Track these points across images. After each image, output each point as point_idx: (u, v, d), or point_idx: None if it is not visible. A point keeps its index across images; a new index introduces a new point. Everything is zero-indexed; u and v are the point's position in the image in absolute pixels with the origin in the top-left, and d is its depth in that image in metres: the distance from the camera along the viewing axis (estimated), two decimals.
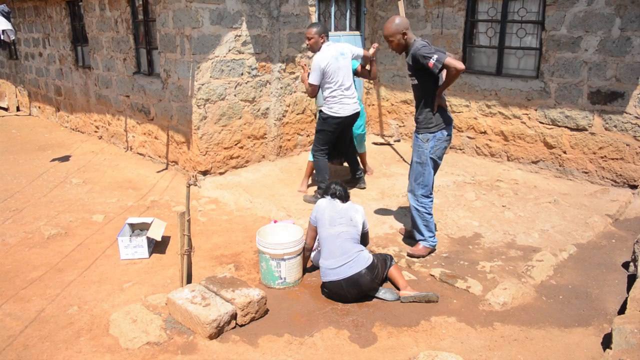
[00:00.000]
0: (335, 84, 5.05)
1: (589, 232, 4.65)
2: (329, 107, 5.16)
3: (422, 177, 4.09)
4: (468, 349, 3.11)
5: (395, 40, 3.89)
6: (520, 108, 6.28)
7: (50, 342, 3.21)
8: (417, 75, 3.91)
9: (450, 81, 3.80)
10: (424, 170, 4.07)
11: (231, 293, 3.39)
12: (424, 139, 4.02)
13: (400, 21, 3.87)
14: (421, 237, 4.21)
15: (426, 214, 4.14)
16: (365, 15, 7.53)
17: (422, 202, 4.13)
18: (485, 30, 6.56)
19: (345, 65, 5.09)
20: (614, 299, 3.62)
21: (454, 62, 3.65)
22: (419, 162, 4.08)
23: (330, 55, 4.99)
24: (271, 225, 4.27)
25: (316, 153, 5.34)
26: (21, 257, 4.39)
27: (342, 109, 5.12)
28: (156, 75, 6.67)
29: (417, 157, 4.09)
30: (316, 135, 5.36)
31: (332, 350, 3.12)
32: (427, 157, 4.03)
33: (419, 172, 4.09)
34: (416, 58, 3.77)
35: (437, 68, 3.69)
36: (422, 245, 4.20)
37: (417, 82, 3.94)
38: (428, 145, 4.01)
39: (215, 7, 5.74)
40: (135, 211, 5.40)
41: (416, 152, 4.10)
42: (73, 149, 7.93)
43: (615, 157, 5.65)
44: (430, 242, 4.20)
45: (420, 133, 4.04)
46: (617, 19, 5.35)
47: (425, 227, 4.16)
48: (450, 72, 3.71)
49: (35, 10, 9.50)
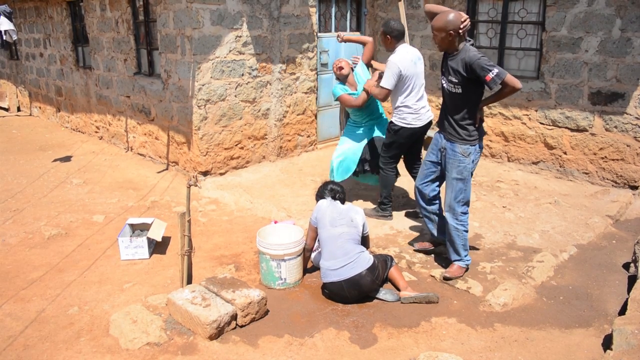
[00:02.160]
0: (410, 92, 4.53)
1: (589, 233, 4.65)
2: (400, 118, 4.60)
3: (463, 193, 3.77)
4: (468, 349, 3.11)
5: (439, 36, 3.55)
6: (521, 109, 6.28)
7: (50, 343, 3.21)
8: (463, 84, 3.55)
9: (501, 98, 3.58)
10: (466, 186, 3.76)
11: (231, 294, 3.39)
12: (464, 152, 3.68)
13: (451, 18, 3.47)
14: (457, 257, 3.90)
15: (464, 232, 3.84)
16: (365, 16, 7.53)
17: (461, 220, 3.81)
18: (486, 31, 6.56)
19: (421, 71, 4.60)
20: (614, 300, 3.62)
21: (514, 81, 3.42)
22: (460, 178, 3.73)
23: (409, 59, 4.47)
24: (271, 225, 4.27)
25: (385, 167, 4.83)
26: (21, 258, 4.39)
27: (415, 120, 4.60)
28: (157, 75, 6.68)
29: (458, 173, 3.73)
30: (386, 149, 4.80)
31: (333, 351, 3.12)
32: (468, 172, 3.73)
33: (460, 189, 3.75)
34: (472, 67, 3.44)
35: (495, 83, 3.41)
36: (458, 265, 3.90)
37: (461, 91, 3.57)
38: (469, 160, 3.70)
39: (216, 8, 5.75)
40: (136, 211, 5.40)
41: (455, 167, 3.73)
42: (74, 150, 7.94)
43: (615, 158, 5.65)
44: (465, 261, 3.91)
45: (458, 144, 3.69)
46: (618, 20, 5.35)
47: (462, 247, 3.86)
48: (506, 90, 3.48)
49: (36, 11, 9.51)
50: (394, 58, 4.43)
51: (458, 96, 3.63)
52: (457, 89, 3.60)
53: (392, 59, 4.43)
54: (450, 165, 3.77)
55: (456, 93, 3.62)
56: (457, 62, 3.54)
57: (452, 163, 3.75)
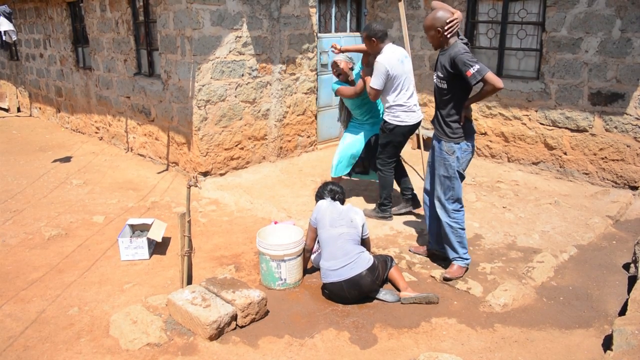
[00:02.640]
0: (401, 90, 4.60)
1: (589, 234, 4.65)
2: (394, 116, 4.65)
3: (452, 191, 3.79)
4: (468, 350, 3.11)
5: (429, 34, 3.64)
6: (521, 109, 6.28)
7: (50, 343, 3.21)
8: (448, 80, 3.62)
9: (483, 97, 3.58)
10: (453, 184, 3.78)
11: (231, 294, 3.39)
12: (448, 150, 3.73)
13: (439, 15, 3.55)
14: (455, 255, 3.90)
15: (460, 229, 3.84)
16: (365, 16, 7.53)
17: (455, 218, 3.83)
18: (486, 32, 6.56)
19: (409, 69, 4.68)
20: (614, 301, 3.62)
21: (494, 79, 3.43)
22: (447, 176, 3.78)
23: (396, 58, 4.54)
24: (271, 226, 4.27)
25: (384, 168, 4.85)
26: (22, 258, 4.39)
27: (409, 117, 4.65)
28: (157, 76, 6.68)
29: (444, 170, 3.78)
30: (382, 149, 4.82)
31: (333, 351, 3.12)
32: (454, 170, 3.75)
33: (448, 187, 3.79)
34: (455, 62, 3.50)
35: (475, 79, 3.45)
36: (457, 265, 3.90)
37: (446, 86, 3.64)
38: (454, 157, 3.73)
39: (216, 9, 5.75)
40: (136, 212, 5.40)
41: (442, 165, 3.80)
42: (74, 150, 7.94)
43: (615, 159, 5.65)
44: (464, 259, 3.90)
45: (444, 142, 3.75)
46: (618, 20, 5.35)
47: (459, 244, 3.86)
48: (487, 88, 3.49)
49: (36, 11, 9.51)
50: (380, 58, 4.50)
51: (444, 91, 3.69)
52: (443, 84, 3.67)
53: (378, 59, 4.50)
54: (438, 162, 3.84)
55: (442, 88, 3.69)
56: (445, 57, 3.61)
57: (439, 160, 3.82)
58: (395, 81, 4.54)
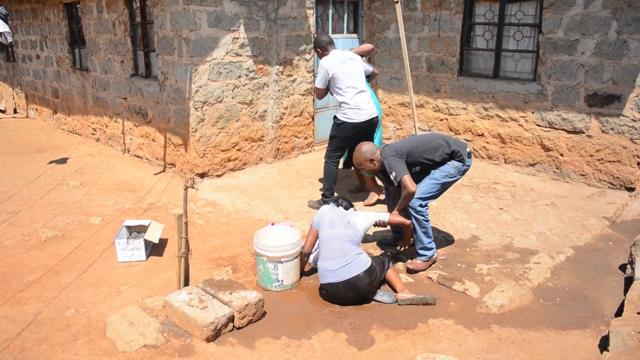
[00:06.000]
0: (344, 88, 4.91)
1: (586, 235, 4.66)
2: (342, 113, 4.97)
3: (434, 198, 4.09)
4: (465, 351, 3.12)
5: (366, 169, 4.14)
6: (518, 111, 6.30)
7: (46, 345, 3.20)
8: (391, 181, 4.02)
9: (402, 198, 3.89)
10: (438, 192, 4.08)
11: (228, 295, 3.39)
12: (454, 169, 4.07)
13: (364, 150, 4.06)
14: (420, 245, 4.04)
15: (424, 221, 3.99)
16: (362, 18, 7.54)
17: (419, 211, 3.97)
18: (483, 33, 6.58)
19: (353, 69, 4.95)
20: (611, 301, 3.63)
21: (406, 183, 3.79)
22: (438, 182, 4.06)
23: (337, 58, 4.90)
24: (268, 227, 4.27)
25: (328, 159, 5.15)
26: (18, 260, 4.38)
27: (356, 115, 4.92)
28: (154, 77, 6.67)
29: (439, 175, 4.07)
30: (329, 141, 5.17)
31: (330, 353, 3.12)
32: (452, 177, 4.07)
33: (433, 195, 4.06)
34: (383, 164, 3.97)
35: (396, 181, 3.86)
36: (421, 260, 4.06)
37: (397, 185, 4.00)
38: (455, 171, 4.05)
39: (213, 10, 5.75)
40: (133, 213, 5.39)
41: (442, 172, 4.07)
42: (70, 152, 7.92)
43: (612, 160, 5.67)
44: (429, 249, 4.06)
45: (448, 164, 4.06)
46: (614, 22, 5.38)
47: (424, 234, 4.01)
48: (403, 191, 3.84)
49: (33, 13, 9.49)
50: (321, 61, 4.97)
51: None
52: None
53: (320, 62, 4.99)
54: (439, 172, 4.10)
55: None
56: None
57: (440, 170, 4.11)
58: (337, 81, 4.91)
